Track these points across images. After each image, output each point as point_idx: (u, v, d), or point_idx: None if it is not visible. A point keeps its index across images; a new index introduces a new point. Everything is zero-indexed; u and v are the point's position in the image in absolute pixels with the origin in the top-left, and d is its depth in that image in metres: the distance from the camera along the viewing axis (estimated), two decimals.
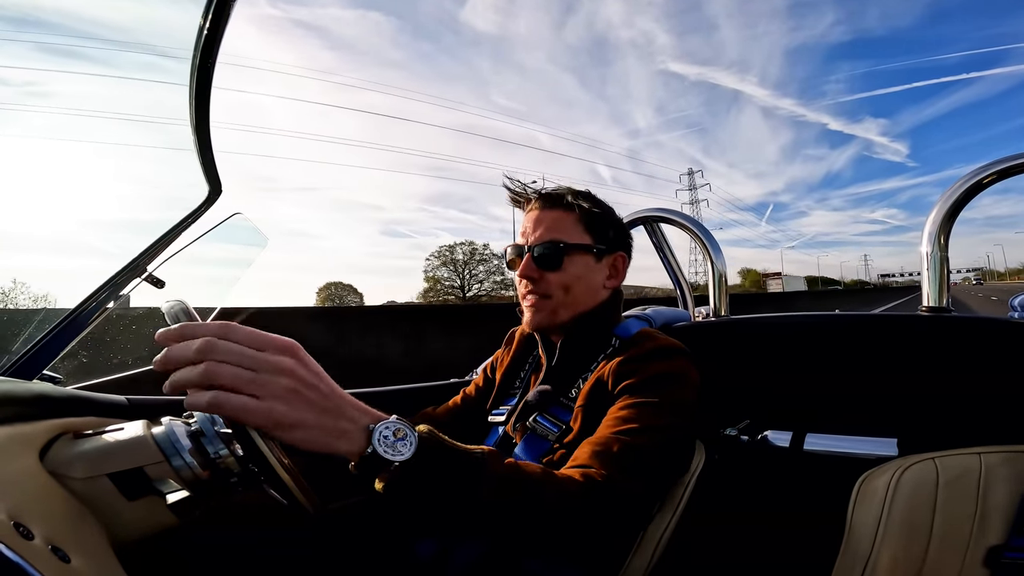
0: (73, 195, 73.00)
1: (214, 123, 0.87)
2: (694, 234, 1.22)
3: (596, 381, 0.78)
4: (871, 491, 0.75)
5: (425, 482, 0.47)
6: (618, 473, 0.60)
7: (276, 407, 0.44)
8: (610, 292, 0.89)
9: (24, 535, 0.49)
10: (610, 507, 0.57)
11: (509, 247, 0.90)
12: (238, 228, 1.02)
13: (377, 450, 0.46)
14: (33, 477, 0.60)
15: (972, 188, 0.95)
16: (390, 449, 0.46)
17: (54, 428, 0.68)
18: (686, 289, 1.38)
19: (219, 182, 0.95)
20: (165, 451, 0.66)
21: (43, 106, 64.57)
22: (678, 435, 0.71)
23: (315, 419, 0.45)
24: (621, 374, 0.75)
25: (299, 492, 0.64)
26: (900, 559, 0.70)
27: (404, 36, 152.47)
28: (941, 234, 0.97)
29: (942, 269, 0.96)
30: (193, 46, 0.80)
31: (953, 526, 0.69)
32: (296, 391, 0.45)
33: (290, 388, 0.45)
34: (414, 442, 0.47)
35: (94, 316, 0.89)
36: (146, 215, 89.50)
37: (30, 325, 0.86)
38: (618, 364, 0.76)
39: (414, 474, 0.47)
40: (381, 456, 0.46)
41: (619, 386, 0.74)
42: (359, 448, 0.46)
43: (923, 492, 0.71)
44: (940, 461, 0.73)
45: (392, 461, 0.46)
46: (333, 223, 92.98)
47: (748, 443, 0.94)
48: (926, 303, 0.98)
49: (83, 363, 0.91)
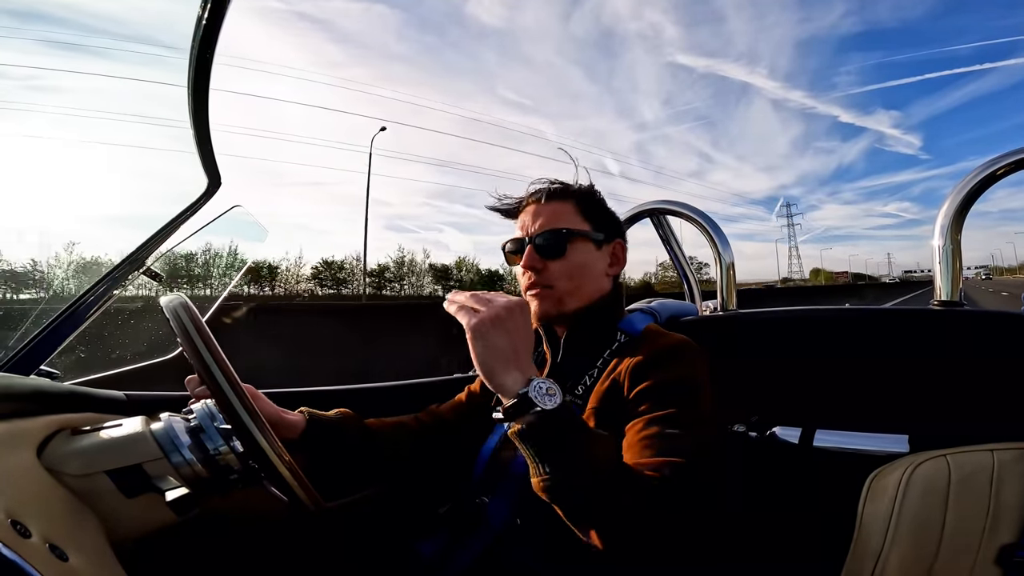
0: (72, 191, 73.09)
1: (213, 122, 0.86)
2: (701, 226, 1.20)
3: (611, 383, 0.76)
4: (882, 488, 0.74)
5: (552, 431, 0.57)
6: (677, 478, 0.61)
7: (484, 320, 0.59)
8: (612, 282, 0.88)
9: (22, 533, 0.49)
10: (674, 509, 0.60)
11: (508, 242, 0.88)
12: (238, 221, 1.01)
13: (530, 393, 0.57)
14: (30, 474, 0.59)
15: (985, 180, 0.93)
16: (539, 397, 0.57)
17: (52, 424, 0.68)
18: (693, 282, 1.36)
19: (218, 174, 0.94)
20: (164, 447, 0.65)
21: (40, 103, 64.49)
22: (713, 442, 0.70)
23: (502, 347, 0.59)
24: (636, 376, 0.73)
25: (300, 489, 0.64)
26: (911, 557, 0.69)
27: (410, 30, 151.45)
28: (954, 227, 0.95)
29: (954, 263, 0.95)
30: (191, 38, 0.78)
31: (965, 524, 0.68)
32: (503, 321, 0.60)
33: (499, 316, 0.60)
34: (558, 400, 0.58)
35: (92, 310, 0.88)
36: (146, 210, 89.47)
37: (27, 319, 0.85)
38: (632, 366, 0.74)
39: (547, 421, 0.57)
40: (530, 398, 0.57)
41: (636, 389, 0.72)
42: (516, 388, 0.58)
43: (935, 490, 0.70)
44: (952, 458, 0.72)
45: (536, 404, 0.57)
46: (337, 218, 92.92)
47: (756, 440, 0.93)
48: (938, 297, 0.96)
49: (81, 358, 0.90)
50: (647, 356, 0.75)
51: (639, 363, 0.74)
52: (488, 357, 0.59)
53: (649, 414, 0.68)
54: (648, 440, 0.65)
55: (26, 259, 11.84)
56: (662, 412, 0.68)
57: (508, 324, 0.60)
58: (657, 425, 0.66)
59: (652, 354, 0.75)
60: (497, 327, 0.60)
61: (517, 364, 0.60)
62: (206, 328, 0.62)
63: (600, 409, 0.75)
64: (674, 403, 0.69)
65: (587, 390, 0.79)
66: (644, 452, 0.64)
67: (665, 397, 0.70)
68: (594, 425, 0.74)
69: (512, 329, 0.60)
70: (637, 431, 0.68)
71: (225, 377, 0.59)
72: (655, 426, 0.66)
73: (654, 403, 0.70)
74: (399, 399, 1.12)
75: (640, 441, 0.66)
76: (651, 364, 0.74)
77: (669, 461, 0.62)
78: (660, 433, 0.65)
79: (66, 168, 74.52)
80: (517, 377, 0.59)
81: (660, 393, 0.70)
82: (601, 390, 0.77)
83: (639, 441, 0.66)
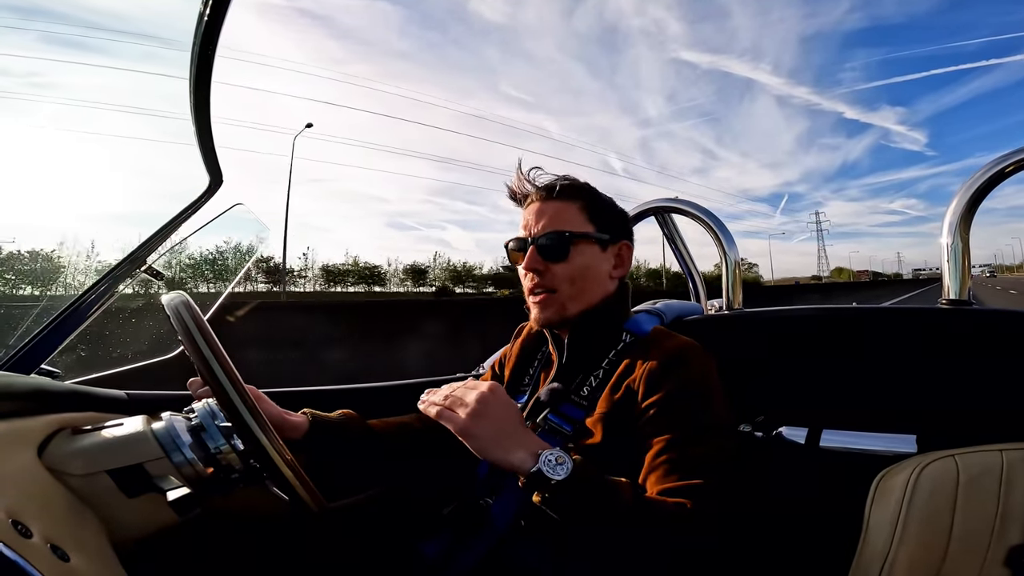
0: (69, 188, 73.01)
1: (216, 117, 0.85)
2: (706, 224, 1.19)
3: (625, 390, 0.75)
4: (889, 489, 0.73)
5: (571, 498, 0.61)
6: (705, 500, 0.64)
7: (467, 420, 0.64)
8: (617, 283, 0.87)
9: (23, 533, 0.49)
10: (708, 531, 0.63)
11: (511, 241, 0.87)
12: (239, 219, 1.01)
13: (542, 469, 0.60)
14: (31, 474, 0.59)
15: (994, 177, 0.92)
16: (551, 470, 0.60)
17: (53, 423, 0.67)
18: (698, 281, 1.35)
19: (220, 172, 0.94)
20: (165, 447, 0.65)
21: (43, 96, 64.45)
22: (732, 440, 0.75)
23: (492, 434, 0.63)
24: (649, 388, 0.73)
25: (302, 489, 0.63)
26: (919, 559, 0.68)
27: (412, 26, 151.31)
28: (962, 225, 0.94)
29: (963, 261, 0.94)
30: (193, 34, 0.77)
31: (974, 525, 0.67)
32: (482, 413, 0.64)
33: (478, 411, 0.64)
34: (569, 468, 0.61)
35: (93, 309, 0.87)
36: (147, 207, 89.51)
37: (28, 318, 0.85)
38: (645, 377, 0.73)
39: (565, 490, 0.60)
40: (544, 474, 0.60)
41: (649, 401, 0.72)
42: (528, 466, 0.61)
43: (943, 490, 0.69)
44: (960, 459, 0.71)
45: (551, 479, 0.60)
46: (338, 215, 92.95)
47: (762, 439, 0.92)
48: (946, 296, 0.95)
49: (82, 357, 0.90)
50: (658, 364, 0.74)
51: (650, 372, 0.74)
52: (486, 448, 0.63)
53: (667, 433, 0.69)
54: (669, 464, 0.67)
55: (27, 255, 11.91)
56: (679, 427, 0.69)
57: (488, 412, 0.64)
58: (675, 445, 0.68)
59: (662, 362, 0.74)
60: (480, 420, 0.64)
61: (517, 442, 0.64)
62: (207, 326, 0.61)
63: (609, 415, 0.75)
64: (689, 414, 0.70)
65: (593, 391, 0.79)
66: (666, 478, 0.66)
67: (679, 409, 0.71)
68: (602, 431, 0.74)
69: (494, 415, 0.65)
70: (656, 452, 0.69)
71: (226, 375, 0.59)
72: (674, 448, 0.68)
73: (670, 417, 0.70)
74: (402, 399, 1.11)
75: (662, 465, 0.68)
76: (662, 373, 0.73)
77: (691, 484, 0.65)
78: (680, 455, 0.67)
79: (65, 165, 74.63)
80: (523, 456, 0.62)
81: (674, 405, 0.71)
82: (610, 396, 0.76)
83: (661, 465, 0.68)
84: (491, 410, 0.64)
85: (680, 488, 0.65)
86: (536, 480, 0.60)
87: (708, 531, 0.63)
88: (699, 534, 0.62)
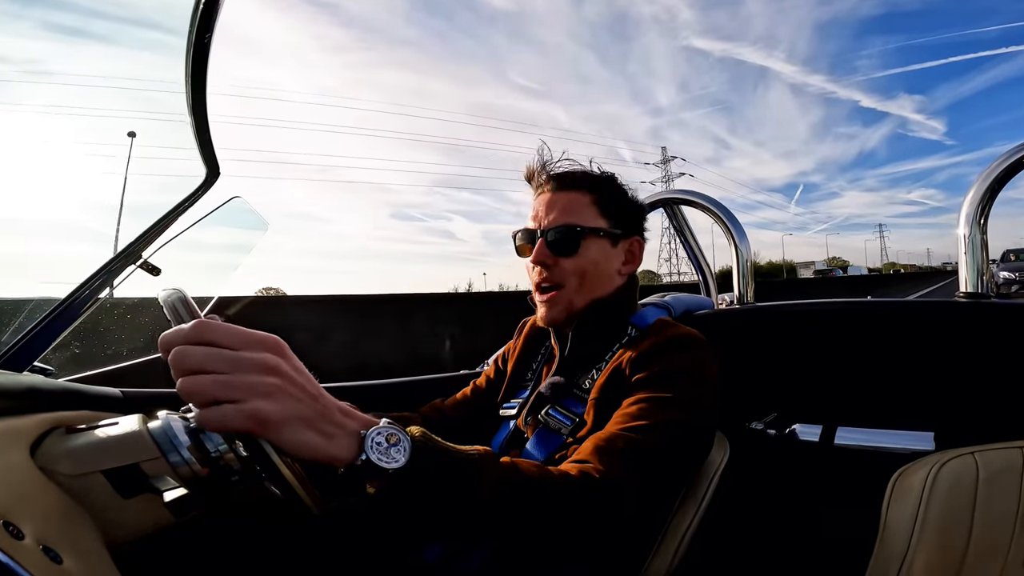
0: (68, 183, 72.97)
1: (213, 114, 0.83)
2: (717, 217, 1.17)
3: (612, 373, 0.74)
4: (907, 488, 0.72)
5: (420, 487, 0.45)
6: (617, 469, 0.58)
7: (261, 407, 0.40)
8: (625, 278, 0.86)
9: (14, 534, 0.47)
10: (607, 503, 0.56)
11: (519, 232, 0.85)
12: (237, 212, 0.99)
13: (371, 457, 0.43)
14: (23, 474, 0.58)
15: (1012, 166, 0.90)
16: (384, 456, 0.43)
17: (45, 422, 0.66)
18: (708, 275, 1.33)
19: (217, 164, 0.92)
20: (162, 447, 0.63)
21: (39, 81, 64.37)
22: (688, 432, 0.67)
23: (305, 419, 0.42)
24: (636, 367, 0.72)
25: (303, 491, 0.61)
26: (937, 559, 0.67)
27: (418, 13, 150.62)
28: (980, 215, 0.92)
29: (982, 252, 0.92)
30: (189, 22, 0.75)
31: (993, 524, 0.66)
32: (282, 388, 0.41)
33: (275, 385, 0.41)
34: (408, 448, 0.45)
35: (87, 305, 0.86)
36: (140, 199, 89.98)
37: (20, 314, 0.83)
38: (634, 356, 0.73)
39: (409, 480, 0.44)
40: (375, 464, 0.43)
41: (633, 379, 0.71)
42: (351, 454, 0.43)
43: (962, 489, 0.68)
44: (980, 456, 0.70)
45: (387, 469, 0.43)
46: (342, 206, 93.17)
47: (775, 437, 0.90)
48: (963, 288, 0.93)
49: (76, 354, 0.89)
50: (649, 347, 0.73)
51: (639, 353, 0.72)
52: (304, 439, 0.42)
53: (631, 407, 0.66)
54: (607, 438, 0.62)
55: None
56: (639, 407, 0.65)
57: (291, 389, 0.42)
58: (626, 420, 0.64)
59: (654, 345, 0.73)
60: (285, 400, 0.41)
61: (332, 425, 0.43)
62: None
63: (600, 400, 0.73)
64: (656, 396, 0.66)
65: (593, 383, 0.77)
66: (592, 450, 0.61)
67: (650, 388, 0.68)
68: (594, 416, 0.72)
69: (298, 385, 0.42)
70: (614, 421, 0.66)
71: None
72: (628, 420, 0.64)
73: (640, 393, 0.68)
74: (403, 395, 1.10)
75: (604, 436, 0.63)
76: (650, 354, 0.72)
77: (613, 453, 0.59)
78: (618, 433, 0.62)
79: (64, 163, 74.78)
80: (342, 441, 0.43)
81: (647, 384, 0.69)
82: (603, 382, 0.75)
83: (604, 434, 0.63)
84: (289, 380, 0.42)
85: (597, 457, 0.58)
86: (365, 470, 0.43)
87: (615, 499, 0.55)
88: (604, 502, 0.55)
